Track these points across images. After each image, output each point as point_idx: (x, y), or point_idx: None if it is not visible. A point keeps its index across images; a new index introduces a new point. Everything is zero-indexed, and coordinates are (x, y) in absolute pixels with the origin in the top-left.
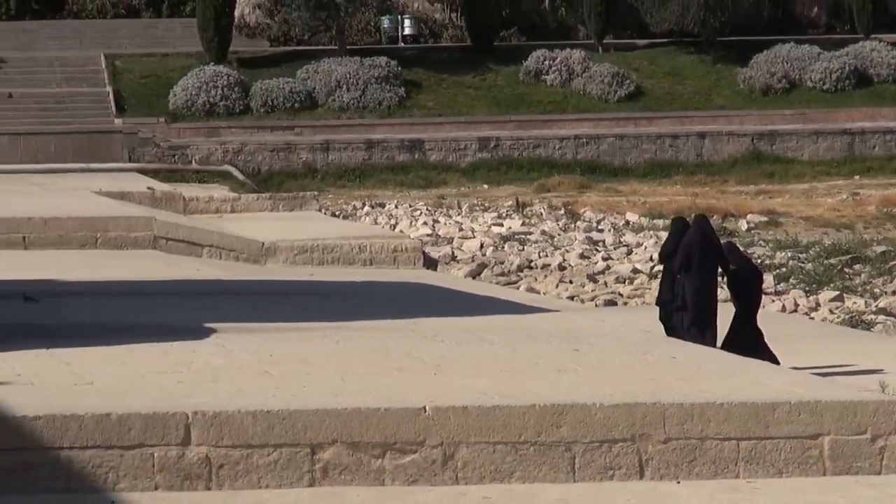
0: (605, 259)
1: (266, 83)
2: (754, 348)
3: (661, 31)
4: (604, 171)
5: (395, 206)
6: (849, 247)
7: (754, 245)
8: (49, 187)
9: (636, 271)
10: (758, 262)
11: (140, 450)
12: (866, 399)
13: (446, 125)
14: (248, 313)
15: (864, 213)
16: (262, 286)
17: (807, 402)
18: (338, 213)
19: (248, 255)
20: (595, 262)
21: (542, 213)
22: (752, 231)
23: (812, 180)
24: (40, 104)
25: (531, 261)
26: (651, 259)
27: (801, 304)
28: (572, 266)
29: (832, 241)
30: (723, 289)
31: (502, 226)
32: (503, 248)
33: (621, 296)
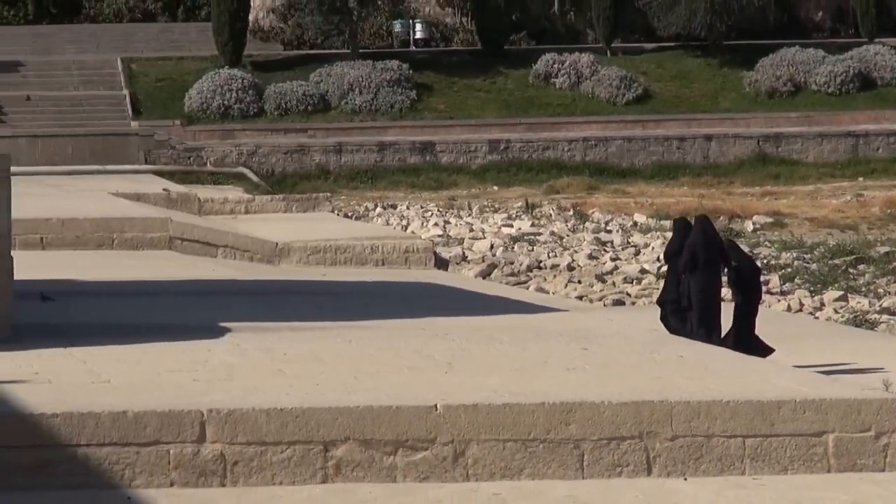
0: (613, 259)
1: (280, 86)
2: (748, 344)
3: (668, 35)
4: (612, 172)
5: (407, 208)
6: (853, 247)
7: (760, 245)
8: (66, 189)
9: (644, 271)
10: (764, 262)
11: (156, 447)
12: (870, 397)
13: (457, 128)
14: (262, 313)
15: (868, 214)
16: (276, 286)
17: (812, 401)
18: (350, 215)
19: (262, 256)
20: (603, 263)
21: (551, 214)
22: (758, 232)
23: (817, 182)
24: (58, 107)
25: (540, 261)
26: (658, 259)
27: (806, 303)
28: (581, 266)
29: (836, 241)
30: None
31: (512, 227)
32: (513, 248)
33: (629, 295)
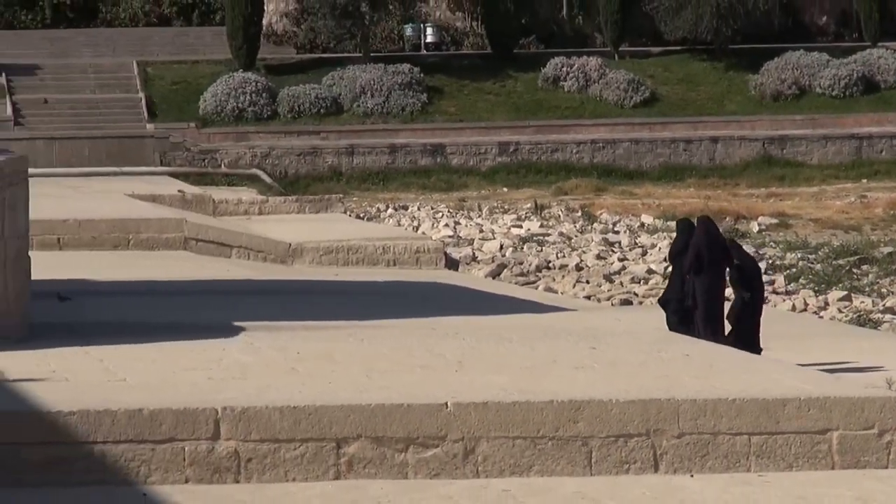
0: (620, 260)
1: (293, 89)
2: (752, 342)
3: (675, 38)
4: (619, 174)
5: (418, 209)
6: (856, 248)
7: (765, 246)
8: (83, 190)
9: (651, 272)
10: (769, 262)
11: (171, 444)
12: (873, 395)
13: (467, 130)
14: (275, 312)
15: (872, 215)
16: (289, 286)
17: (816, 399)
18: (362, 216)
19: (276, 256)
20: (611, 263)
21: (559, 216)
22: (763, 233)
23: (821, 183)
24: (75, 110)
25: (549, 261)
26: (665, 260)
27: (811, 303)
28: (589, 266)
29: (840, 242)
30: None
31: (521, 227)
32: (522, 249)
33: (636, 295)
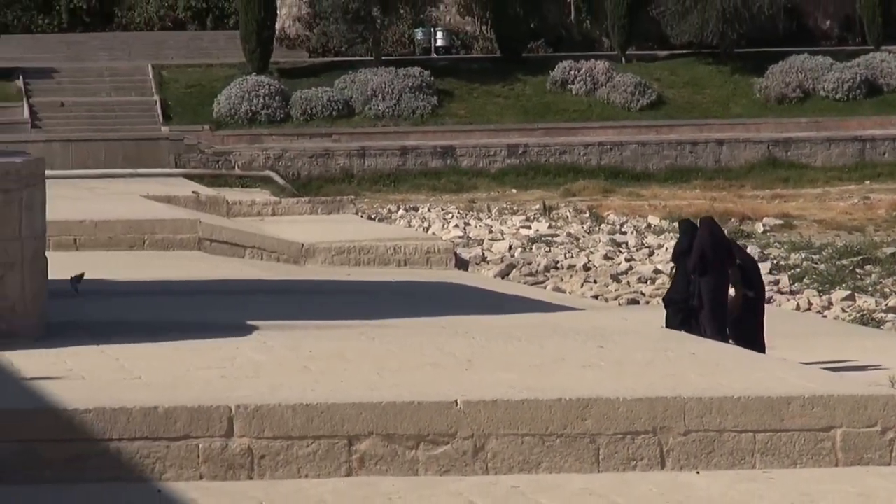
0: (627, 260)
1: (305, 92)
2: (755, 340)
3: (681, 42)
4: (626, 176)
5: (428, 210)
6: (860, 248)
7: (770, 247)
8: (99, 191)
9: (657, 272)
10: (773, 262)
11: (185, 441)
12: (876, 393)
13: (477, 132)
14: (288, 311)
15: (875, 216)
16: (302, 286)
17: (820, 397)
18: (373, 217)
19: (289, 256)
20: (618, 263)
21: (567, 217)
22: (768, 233)
23: (825, 185)
24: (91, 112)
25: (557, 262)
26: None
27: (815, 302)
28: (597, 267)
29: (844, 243)
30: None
31: (530, 228)
32: (531, 249)
33: (643, 295)
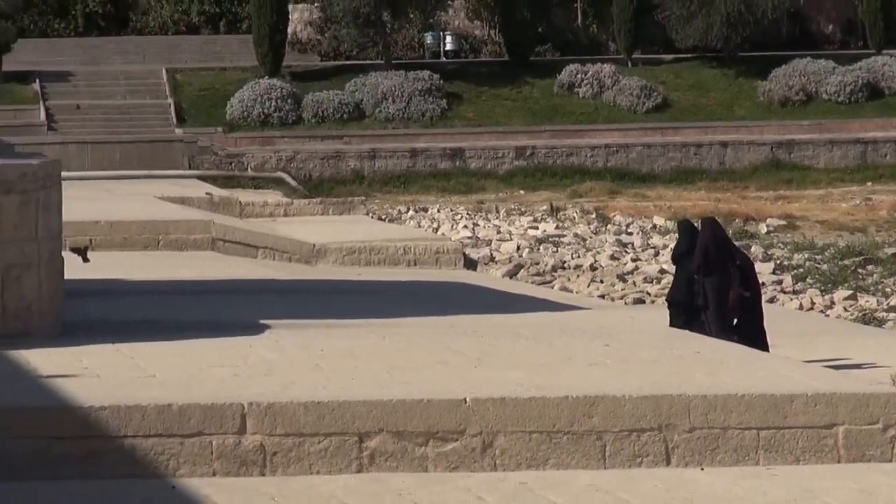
0: (633, 260)
1: (317, 95)
2: (758, 337)
3: (686, 46)
4: (632, 177)
5: (438, 211)
6: (862, 249)
7: (773, 247)
8: (114, 193)
9: (663, 271)
10: (777, 262)
11: (199, 438)
12: (878, 391)
13: (485, 135)
14: (299, 310)
15: (877, 217)
16: (313, 285)
17: (822, 394)
18: (384, 217)
19: (300, 257)
20: (624, 263)
21: (574, 217)
22: (772, 234)
23: (827, 186)
24: (106, 115)
25: (564, 262)
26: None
27: (817, 302)
28: (603, 266)
29: (846, 243)
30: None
31: (537, 229)
32: (538, 249)
33: (649, 294)
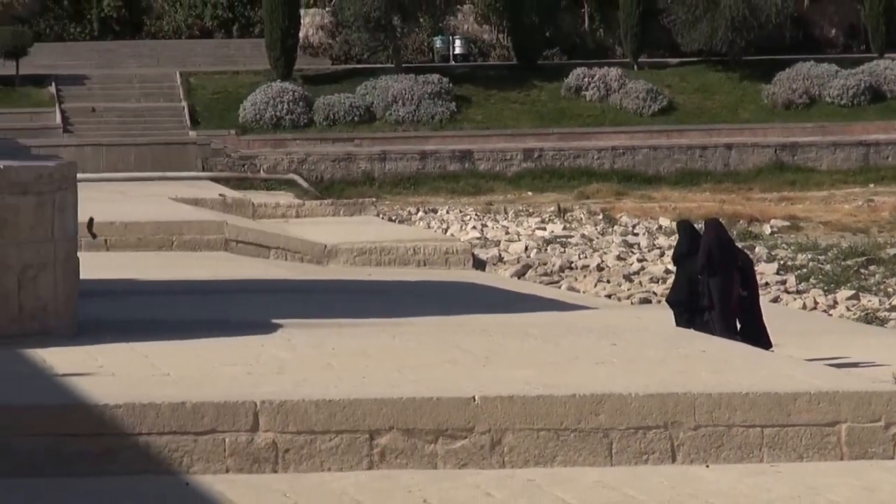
0: (639, 260)
1: (328, 98)
2: (759, 336)
3: (691, 50)
4: (638, 179)
5: (447, 212)
6: (864, 249)
7: (777, 248)
8: (129, 194)
9: (668, 272)
10: (780, 263)
11: (212, 435)
12: (880, 389)
13: (494, 137)
14: (311, 310)
15: (879, 218)
16: (325, 285)
17: (825, 393)
18: (394, 218)
19: (312, 257)
20: (630, 263)
21: (581, 218)
22: (775, 235)
23: (830, 188)
24: (121, 118)
25: (572, 262)
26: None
27: (820, 301)
28: (610, 267)
29: (849, 244)
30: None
31: (545, 230)
32: (546, 250)
33: (655, 294)
